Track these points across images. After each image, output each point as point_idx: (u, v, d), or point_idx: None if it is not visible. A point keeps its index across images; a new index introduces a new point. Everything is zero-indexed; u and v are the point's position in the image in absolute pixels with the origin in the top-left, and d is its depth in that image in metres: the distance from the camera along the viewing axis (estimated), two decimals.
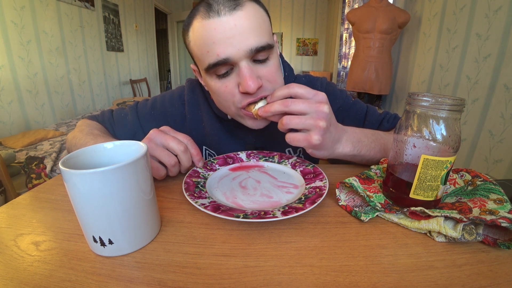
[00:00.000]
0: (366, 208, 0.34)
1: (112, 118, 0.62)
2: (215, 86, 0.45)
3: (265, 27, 0.43)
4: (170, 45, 5.90)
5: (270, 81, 0.44)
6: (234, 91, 0.44)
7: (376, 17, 2.28)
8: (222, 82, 0.44)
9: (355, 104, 0.61)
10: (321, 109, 0.36)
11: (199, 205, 0.33)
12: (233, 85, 0.43)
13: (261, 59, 0.43)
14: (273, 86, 0.45)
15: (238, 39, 0.40)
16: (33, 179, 1.35)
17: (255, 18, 0.41)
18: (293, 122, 0.36)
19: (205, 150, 0.62)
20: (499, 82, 1.51)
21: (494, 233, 0.29)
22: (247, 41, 0.40)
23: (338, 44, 4.27)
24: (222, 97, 0.46)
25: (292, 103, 0.36)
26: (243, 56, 0.41)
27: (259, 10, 0.43)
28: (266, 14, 0.45)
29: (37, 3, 2.26)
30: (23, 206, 0.38)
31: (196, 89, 0.62)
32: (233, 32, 0.39)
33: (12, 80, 2.07)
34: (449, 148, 0.30)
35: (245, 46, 0.40)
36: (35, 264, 0.26)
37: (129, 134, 0.61)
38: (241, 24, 0.40)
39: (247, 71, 0.41)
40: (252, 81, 0.41)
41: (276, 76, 0.45)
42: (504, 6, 1.46)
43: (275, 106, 0.38)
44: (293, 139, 0.37)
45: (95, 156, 0.31)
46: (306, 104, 0.36)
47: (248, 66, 0.41)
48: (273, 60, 0.45)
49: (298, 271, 0.25)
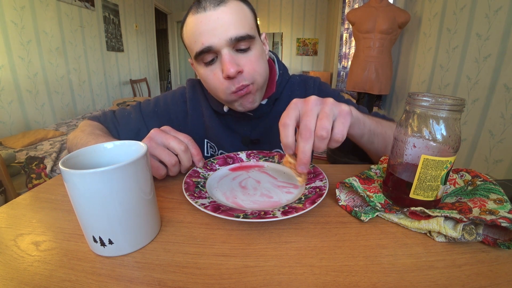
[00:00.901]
0: (366, 208, 0.34)
1: (115, 118, 0.64)
2: (205, 73, 0.51)
3: (246, 21, 0.48)
4: (170, 45, 5.90)
5: (250, 69, 0.49)
6: (220, 78, 0.49)
7: (376, 17, 2.28)
8: (209, 69, 0.50)
9: (346, 103, 0.62)
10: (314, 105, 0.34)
11: (199, 205, 0.33)
12: (219, 72, 0.49)
13: (243, 48, 0.48)
14: (254, 74, 0.50)
15: (220, 30, 0.46)
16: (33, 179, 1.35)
17: (237, 13, 0.47)
18: (320, 131, 0.32)
19: (206, 143, 0.66)
20: (499, 82, 1.51)
21: (494, 233, 0.28)
22: (228, 32, 0.46)
23: (338, 44, 4.27)
24: (211, 84, 0.51)
25: (305, 129, 0.32)
26: (224, 45, 0.47)
27: (241, 6, 0.49)
28: (250, 11, 0.51)
29: (37, 3, 2.27)
30: (23, 206, 0.38)
31: (196, 87, 0.66)
32: (216, 24, 0.46)
33: (12, 80, 2.07)
34: (449, 148, 0.30)
35: (225, 35, 0.46)
36: (35, 264, 0.26)
37: (133, 132, 0.63)
38: (223, 17, 0.46)
39: (227, 57, 0.47)
40: (231, 66, 0.46)
41: (256, 65, 0.50)
42: (504, 6, 1.46)
43: (305, 153, 0.33)
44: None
45: (95, 156, 0.31)
46: (311, 116, 0.33)
47: (228, 53, 0.47)
48: (254, 50, 0.50)
49: (298, 271, 0.25)
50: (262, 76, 0.52)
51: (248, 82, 0.49)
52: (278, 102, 0.61)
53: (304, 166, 0.33)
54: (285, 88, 0.62)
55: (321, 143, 0.32)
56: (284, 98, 0.62)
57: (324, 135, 0.32)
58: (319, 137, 0.32)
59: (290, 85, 0.63)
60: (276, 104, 0.61)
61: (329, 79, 4.76)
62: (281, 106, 0.61)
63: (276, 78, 0.60)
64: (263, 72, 0.52)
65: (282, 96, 0.62)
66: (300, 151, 0.32)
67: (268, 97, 0.59)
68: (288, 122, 0.34)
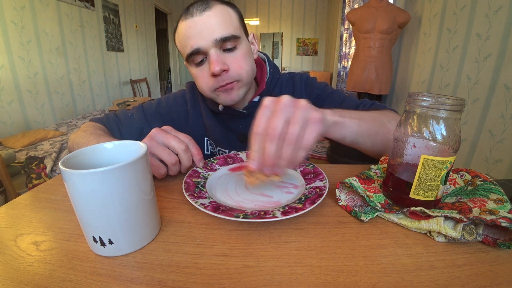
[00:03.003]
0: (366, 208, 0.34)
1: (117, 118, 0.66)
2: (195, 73, 0.55)
3: (230, 22, 0.52)
4: (170, 45, 5.90)
5: (236, 66, 0.53)
6: (207, 76, 0.53)
7: (376, 17, 2.28)
8: (199, 69, 0.54)
9: (334, 92, 0.64)
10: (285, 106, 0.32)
11: (199, 205, 0.33)
12: (207, 71, 0.53)
13: (229, 47, 0.52)
14: (240, 71, 0.53)
15: (207, 32, 0.50)
16: (33, 179, 1.35)
17: (222, 16, 0.51)
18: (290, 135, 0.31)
19: (206, 141, 0.69)
20: (499, 82, 1.51)
21: (494, 233, 0.28)
22: (214, 33, 0.50)
23: (338, 44, 4.27)
24: (200, 82, 0.55)
25: (272, 128, 0.31)
26: (211, 45, 0.50)
27: (226, 9, 0.52)
28: (235, 13, 0.55)
29: (37, 3, 2.27)
30: (23, 206, 0.38)
31: (195, 89, 0.69)
32: (202, 27, 0.49)
33: (12, 80, 2.07)
34: (449, 148, 0.30)
35: (211, 37, 0.50)
36: (35, 264, 0.26)
37: (136, 131, 0.65)
38: (209, 21, 0.49)
39: (214, 57, 0.50)
40: (217, 64, 0.50)
41: (241, 63, 0.53)
42: (504, 6, 1.46)
43: (269, 155, 0.31)
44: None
45: (95, 156, 0.31)
46: (279, 117, 0.31)
47: (215, 53, 0.51)
48: (240, 49, 0.53)
49: (298, 271, 0.25)
50: (248, 74, 0.55)
51: (233, 80, 0.53)
52: None
53: (268, 168, 0.32)
54: (276, 86, 0.65)
55: (287, 148, 0.30)
56: (275, 95, 0.62)
57: (291, 141, 0.30)
58: (287, 142, 0.30)
59: (280, 82, 0.66)
60: None
61: (329, 79, 4.76)
62: None
63: (266, 77, 0.64)
64: (249, 69, 0.55)
65: (273, 93, 0.65)
66: (265, 153, 0.31)
67: (259, 94, 0.62)
68: (258, 131, 0.32)
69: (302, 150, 0.31)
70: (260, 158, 0.32)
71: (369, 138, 0.45)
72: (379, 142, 0.46)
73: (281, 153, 0.31)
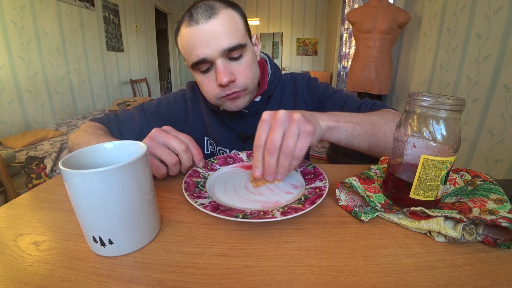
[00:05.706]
0: (366, 208, 0.34)
1: (117, 118, 0.65)
2: (201, 80, 0.55)
3: (237, 30, 0.51)
4: (170, 45, 5.90)
5: (243, 76, 0.53)
6: (214, 85, 0.53)
7: (376, 17, 2.28)
8: (205, 77, 0.54)
9: (336, 93, 0.65)
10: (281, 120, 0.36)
11: (199, 205, 0.33)
12: (213, 79, 0.53)
13: (235, 56, 0.52)
14: (246, 81, 0.54)
15: (213, 42, 0.48)
16: (33, 179, 1.35)
17: (228, 23, 0.49)
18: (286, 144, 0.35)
19: (206, 141, 0.69)
20: (500, 82, 1.51)
21: (494, 233, 0.28)
22: (220, 43, 0.49)
23: (338, 44, 4.27)
24: (206, 89, 0.55)
25: (271, 141, 0.35)
26: (218, 55, 0.50)
27: (233, 15, 0.51)
28: (240, 16, 0.53)
29: (37, 3, 2.27)
30: (23, 206, 0.38)
31: (196, 88, 0.69)
32: (209, 36, 0.48)
33: (12, 80, 2.07)
34: (449, 148, 0.30)
35: (218, 47, 0.49)
36: (35, 264, 0.26)
37: (136, 131, 0.65)
38: (215, 29, 0.48)
39: (221, 67, 0.50)
40: (225, 75, 0.50)
41: (247, 71, 0.54)
42: (504, 6, 1.46)
43: (270, 166, 0.36)
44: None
45: (95, 156, 0.31)
46: (278, 133, 0.35)
47: (222, 63, 0.50)
48: (246, 57, 0.53)
49: (298, 271, 0.25)
50: (254, 82, 0.57)
51: (239, 89, 0.54)
52: (271, 99, 0.65)
53: (270, 176, 0.36)
54: (277, 86, 0.66)
55: (285, 160, 0.35)
56: (276, 95, 0.66)
57: (287, 153, 0.35)
58: (283, 154, 0.35)
59: (282, 82, 0.66)
60: (269, 101, 0.65)
61: (329, 79, 4.76)
62: (274, 103, 0.65)
63: (268, 77, 0.64)
64: (255, 77, 0.56)
65: (274, 93, 0.65)
66: (266, 163, 0.36)
67: (261, 94, 0.62)
68: (259, 144, 0.37)
69: (295, 160, 0.36)
70: (261, 167, 0.37)
71: (364, 141, 0.47)
72: (375, 144, 0.48)
73: (278, 163, 0.35)
